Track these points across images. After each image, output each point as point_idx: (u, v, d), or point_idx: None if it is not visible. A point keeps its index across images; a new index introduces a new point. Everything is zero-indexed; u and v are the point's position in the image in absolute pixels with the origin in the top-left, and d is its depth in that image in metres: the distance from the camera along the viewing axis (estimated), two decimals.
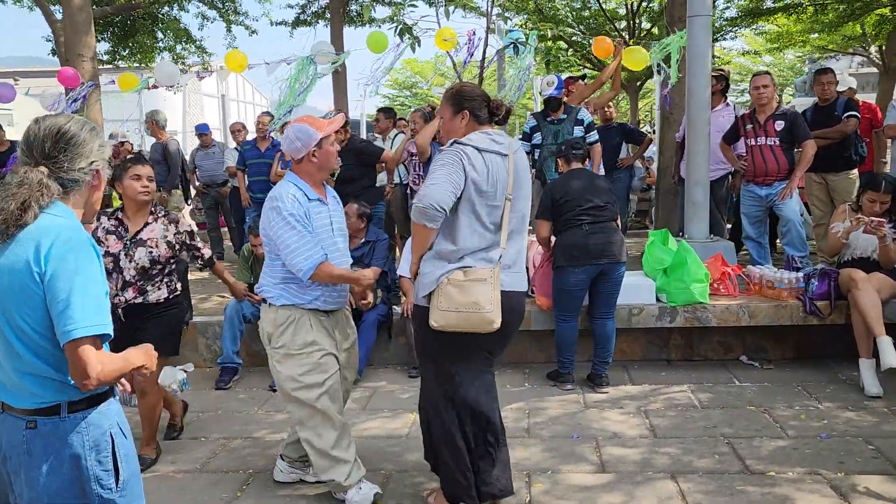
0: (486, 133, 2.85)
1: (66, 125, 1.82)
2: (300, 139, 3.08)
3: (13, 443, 1.80)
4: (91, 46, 8.01)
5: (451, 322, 2.74)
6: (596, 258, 4.35)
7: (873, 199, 4.58)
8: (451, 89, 2.99)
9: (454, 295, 2.72)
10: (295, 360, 3.08)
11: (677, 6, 6.81)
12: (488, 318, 2.74)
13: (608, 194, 4.52)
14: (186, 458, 3.78)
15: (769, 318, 4.84)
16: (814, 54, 18.88)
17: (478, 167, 2.75)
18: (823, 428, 3.86)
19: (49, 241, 1.72)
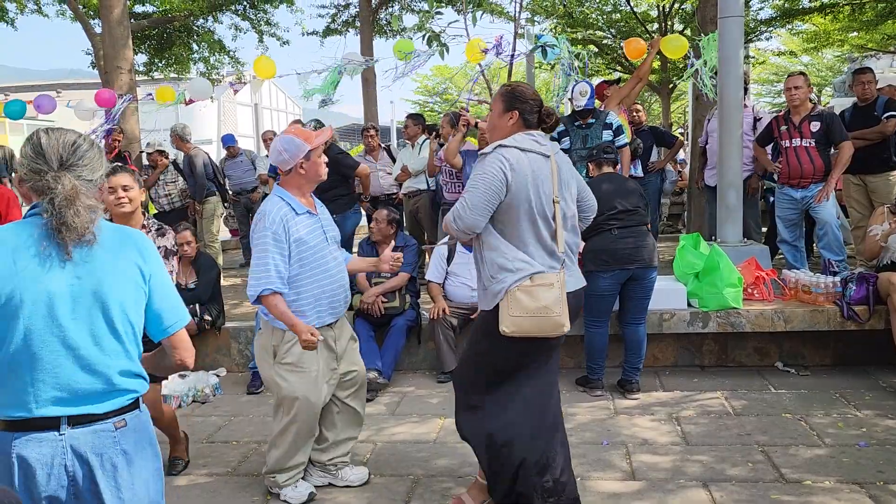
0: (528, 134, 2.82)
1: (78, 139, 1.87)
2: (287, 151, 3.09)
3: (100, 450, 1.78)
4: (129, 59, 8.21)
5: (523, 328, 2.71)
6: (625, 263, 4.30)
7: None
8: (506, 86, 2.93)
9: (524, 301, 2.70)
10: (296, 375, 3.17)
11: (709, 7, 6.72)
12: (559, 322, 2.73)
13: (639, 198, 4.46)
14: (218, 462, 3.83)
15: (805, 323, 4.73)
16: (853, 53, 18.46)
17: (522, 169, 2.72)
18: (862, 436, 3.76)
19: (144, 244, 1.90)
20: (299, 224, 3.11)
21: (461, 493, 3.19)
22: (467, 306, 5.10)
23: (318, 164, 3.17)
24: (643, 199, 4.51)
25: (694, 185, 7.21)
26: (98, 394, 1.80)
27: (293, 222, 3.09)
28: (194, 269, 5.47)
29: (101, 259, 1.80)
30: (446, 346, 4.97)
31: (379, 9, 11.91)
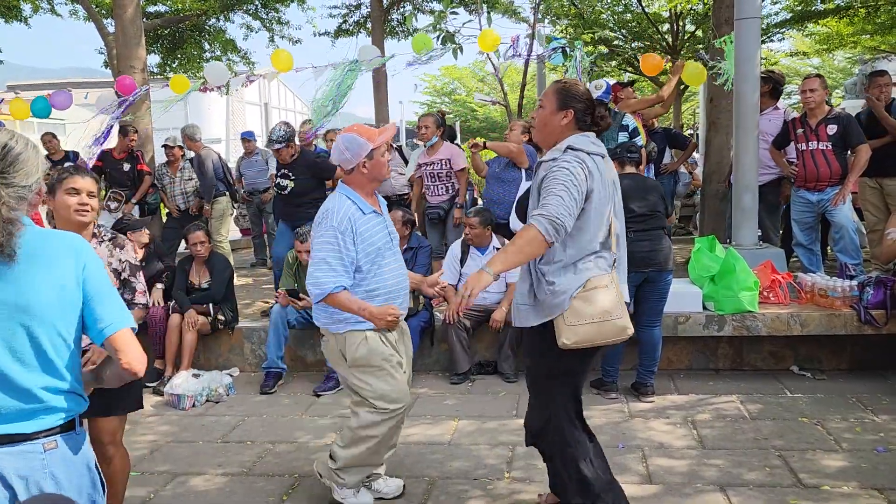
0: (585, 136, 2.71)
1: (10, 142, 1.74)
2: (350, 150, 3.00)
3: (25, 473, 1.67)
4: (142, 58, 8.23)
5: (586, 336, 2.56)
6: (640, 266, 4.27)
7: None
8: (561, 83, 2.78)
9: (581, 307, 2.55)
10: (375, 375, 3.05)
11: (724, 8, 6.69)
12: (621, 325, 2.60)
13: (659, 200, 4.40)
14: (232, 462, 3.84)
15: (822, 327, 4.70)
16: (864, 55, 18.35)
17: (596, 173, 2.61)
18: (880, 441, 3.73)
19: (79, 247, 1.77)
20: (367, 224, 3.01)
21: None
22: (481, 308, 5.09)
23: (382, 163, 3.06)
24: (664, 202, 4.46)
25: (716, 183, 7.15)
26: (22, 412, 1.68)
27: (360, 221, 2.99)
28: (207, 269, 5.48)
29: (24, 271, 1.68)
30: (459, 348, 4.97)
31: (390, 9, 11.92)
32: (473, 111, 28.32)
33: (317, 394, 4.87)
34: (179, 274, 5.47)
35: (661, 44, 15.07)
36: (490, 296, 5.14)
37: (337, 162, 3.09)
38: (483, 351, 5.21)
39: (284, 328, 5.11)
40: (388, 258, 3.09)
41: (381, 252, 3.05)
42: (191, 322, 5.16)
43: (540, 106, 2.79)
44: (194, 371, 5.00)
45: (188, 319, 5.17)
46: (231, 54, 13.11)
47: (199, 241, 5.39)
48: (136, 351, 1.79)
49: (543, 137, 2.77)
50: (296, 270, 5.25)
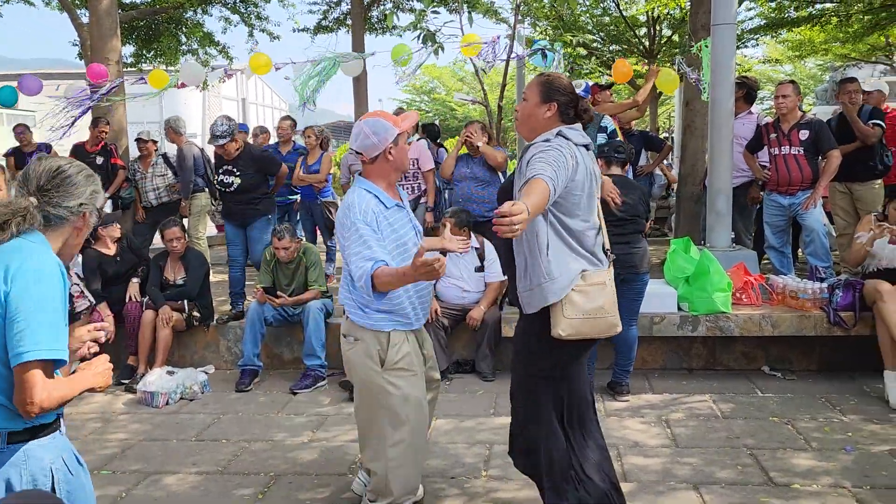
0: (573, 127, 2.70)
1: (65, 165, 1.90)
2: (377, 134, 2.76)
3: None
4: (117, 50, 8.11)
5: (581, 330, 2.58)
6: (617, 268, 4.30)
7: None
8: (544, 76, 2.77)
9: (579, 301, 2.57)
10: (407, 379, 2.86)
11: (701, 14, 6.78)
12: (613, 322, 2.65)
13: (641, 206, 4.42)
14: (207, 460, 3.80)
15: (793, 328, 4.79)
16: (835, 63, 18.71)
17: (580, 164, 2.61)
18: (848, 441, 3.81)
19: (18, 262, 1.73)
20: (391, 218, 2.80)
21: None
22: (459, 307, 5.11)
23: (406, 150, 2.87)
24: (645, 206, 4.49)
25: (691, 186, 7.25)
26: None
27: (384, 216, 2.77)
28: (183, 265, 5.43)
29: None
30: (437, 347, 4.96)
31: (371, 6, 11.88)
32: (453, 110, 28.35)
33: (293, 392, 4.85)
34: (154, 270, 5.41)
35: (639, 48, 15.23)
36: (468, 295, 5.16)
37: (360, 148, 2.82)
38: (461, 350, 5.23)
39: (261, 325, 5.07)
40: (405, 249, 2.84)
41: (409, 249, 2.81)
42: (165, 318, 5.10)
43: (523, 99, 2.77)
44: (168, 368, 4.94)
45: (162, 316, 5.12)
46: (209, 48, 12.95)
47: (174, 238, 5.34)
48: (31, 390, 1.67)
49: (527, 130, 2.75)
50: (273, 267, 5.22)
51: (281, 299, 5.02)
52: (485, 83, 7.57)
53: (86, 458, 3.78)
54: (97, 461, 3.81)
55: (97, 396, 4.91)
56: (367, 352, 2.81)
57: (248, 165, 5.66)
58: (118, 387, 5.07)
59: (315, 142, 7.10)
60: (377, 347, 2.80)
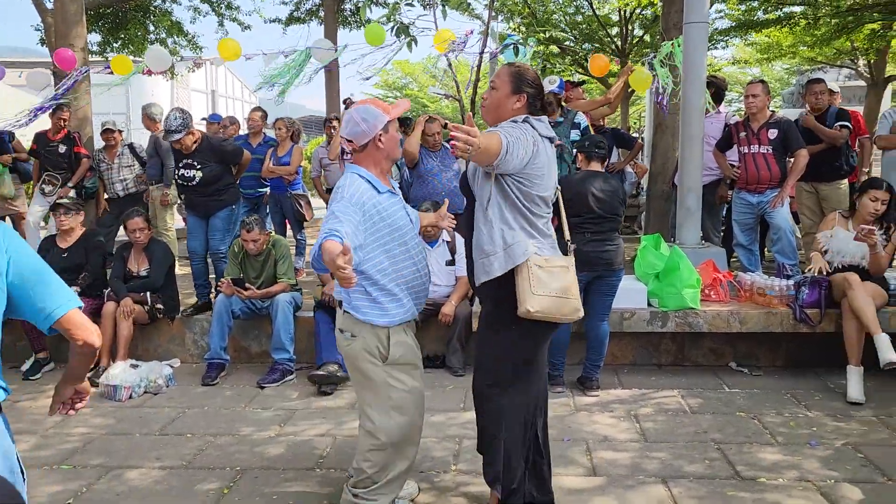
0: (538, 119, 2.73)
1: None
2: (367, 121, 2.75)
3: None
4: (82, 36, 7.91)
5: (547, 308, 2.59)
6: (592, 265, 4.32)
7: (875, 197, 4.62)
8: (514, 66, 2.77)
9: (546, 280, 2.59)
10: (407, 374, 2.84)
11: (673, 13, 6.83)
12: (576, 306, 2.67)
13: (618, 202, 4.42)
14: (172, 455, 3.72)
15: (760, 325, 4.84)
16: (802, 66, 19.05)
17: (541, 151, 2.64)
18: (812, 435, 3.87)
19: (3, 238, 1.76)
20: (384, 204, 2.74)
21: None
22: (430, 302, 5.07)
23: (397, 138, 2.85)
24: (623, 204, 4.49)
25: (661, 184, 7.31)
26: None
27: (375, 202, 2.71)
28: (147, 257, 5.32)
29: None
30: None
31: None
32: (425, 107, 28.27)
33: (261, 386, 4.77)
34: (118, 261, 5.29)
35: (611, 46, 15.34)
36: (439, 289, 5.12)
37: (350, 135, 2.78)
38: (431, 344, 5.19)
39: (229, 318, 4.99)
40: (411, 242, 2.82)
41: (404, 235, 2.78)
42: (125, 311, 4.98)
43: (492, 87, 2.77)
44: (132, 361, 4.83)
45: (122, 308, 4.99)
46: (177, 37, 12.73)
47: (137, 228, 5.22)
48: (86, 326, 1.84)
49: (494, 119, 2.75)
50: (242, 260, 5.13)
51: (249, 291, 4.94)
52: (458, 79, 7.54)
53: (46, 453, 3.71)
54: (57, 456, 3.71)
55: None
56: (366, 347, 2.76)
57: (208, 158, 5.43)
58: None
59: (286, 134, 7.00)
60: (377, 343, 2.75)
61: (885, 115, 5.77)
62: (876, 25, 12.19)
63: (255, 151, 7.42)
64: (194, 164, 5.42)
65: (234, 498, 3.24)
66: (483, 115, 2.83)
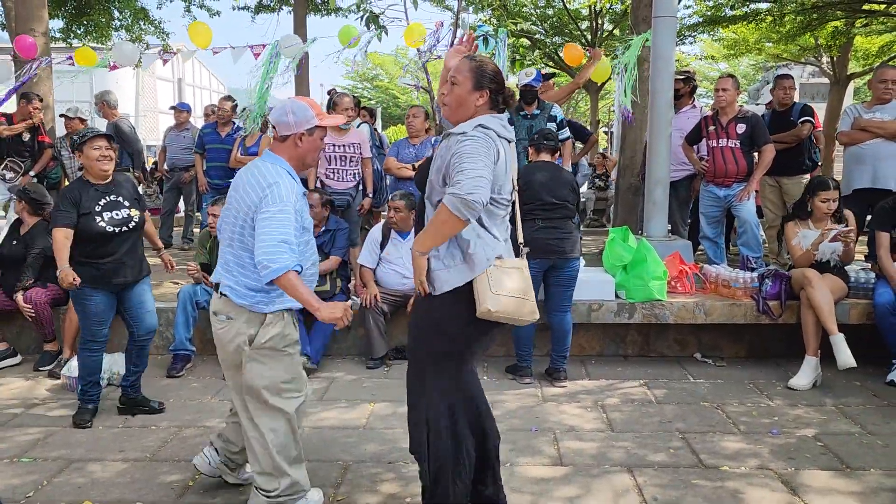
0: (496, 118, 2.67)
1: None
2: (295, 114, 2.77)
3: None
4: (44, 20, 7.71)
5: (506, 308, 2.55)
6: (544, 253, 4.35)
7: (826, 198, 4.73)
8: (475, 61, 2.68)
9: (505, 280, 2.56)
10: (282, 362, 2.85)
11: (642, 7, 6.88)
12: (532, 307, 2.63)
13: (570, 191, 4.50)
14: (135, 447, 3.66)
15: (724, 316, 4.92)
16: (768, 62, 19.36)
17: (501, 152, 2.59)
18: (774, 424, 3.95)
19: None
20: (302, 202, 2.80)
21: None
22: (399, 293, 5.06)
23: (316, 146, 2.85)
24: (575, 193, 4.56)
25: (630, 177, 7.38)
26: None
27: (298, 197, 2.76)
28: None
29: None
30: (377, 333, 4.92)
31: None
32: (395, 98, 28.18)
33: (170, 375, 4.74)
34: None
35: (581, 40, 15.41)
36: (408, 280, 5.10)
37: (275, 121, 2.81)
38: (400, 336, 5.18)
39: (193, 308, 4.92)
40: (309, 238, 2.90)
41: (308, 230, 2.87)
42: None
43: (453, 83, 2.69)
44: None
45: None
46: (143, 23, 12.46)
47: None
48: None
49: (457, 117, 2.68)
50: (209, 247, 5.06)
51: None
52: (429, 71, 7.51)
53: (4, 446, 3.63)
54: (16, 448, 3.63)
55: (17, 382, 4.68)
56: (239, 331, 2.80)
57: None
58: (39, 372, 4.85)
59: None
60: (251, 331, 2.78)
61: (847, 110, 5.89)
62: (839, 23, 12.44)
63: (223, 141, 7.34)
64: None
65: (198, 490, 3.21)
66: (444, 114, 2.76)
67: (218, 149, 7.28)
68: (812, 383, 4.50)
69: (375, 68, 29.94)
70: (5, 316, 5.11)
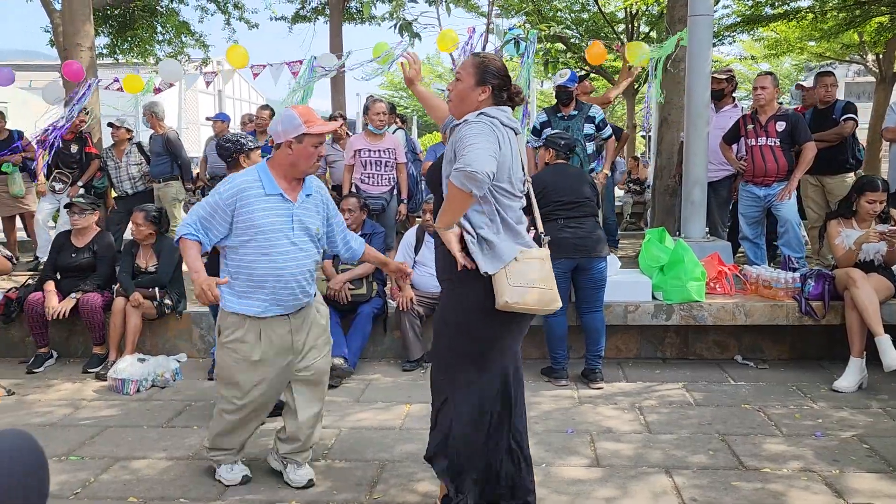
0: (501, 109, 2.70)
1: None
2: (283, 124, 2.98)
3: None
4: (90, 36, 7.97)
5: (526, 300, 2.54)
6: (569, 253, 4.34)
7: (873, 199, 4.62)
8: (479, 57, 2.75)
9: (525, 271, 2.56)
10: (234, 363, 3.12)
11: (678, 7, 6.83)
12: (553, 296, 2.63)
13: (587, 189, 4.51)
14: (179, 446, 3.75)
15: (765, 317, 4.84)
16: (810, 62, 18.95)
17: (503, 140, 2.60)
18: (818, 427, 3.86)
19: None
20: (259, 205, 2.96)
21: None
22: (434, 295, 5.09)
23: (309, 153, 2.98)
24: (594, 189, 4.56)
25: (667, 178, 7.32)
26: None
27: (251, 200, 2.96)
28: (155, 253, 5.34)
29: None
30: (412, 335, 4.96)
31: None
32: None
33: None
34: (126, 257, 5.32)
35: (616, 43, 15.31)
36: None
37: (270, 132, 3.05)
38: None
39: None
40: (277, 246, 2.99)
41: (270, 238, 2.97)
42: (135, 303, 5.02)
43: (457, 79, 2.75)
44: (140, 356, 4.87)
45: (132, 302, 5.03)
46: (185, 37, 12.80)
47: (136, 222, 5.23)
48: None
49: (460, 111, 2.73)
50: None
51: None
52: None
53: (54, 444, 3.75)
54: (65, 447, 3.74)
55: (66, 384, 4.84)
56: (218, 322, 3.18)
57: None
58: (87, 374, 5.00)
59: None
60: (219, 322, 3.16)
61: (893, 107, 5.76)
62: (884, 19, 12.11)
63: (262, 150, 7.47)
64: None
65: (240, 487, 3.27)
66: (449, 109, 2.82)
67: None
68: (857, 385, 4.39)
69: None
70: (56, 320, 5.27)
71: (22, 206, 7.74)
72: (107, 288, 5.34)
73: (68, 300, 5.06)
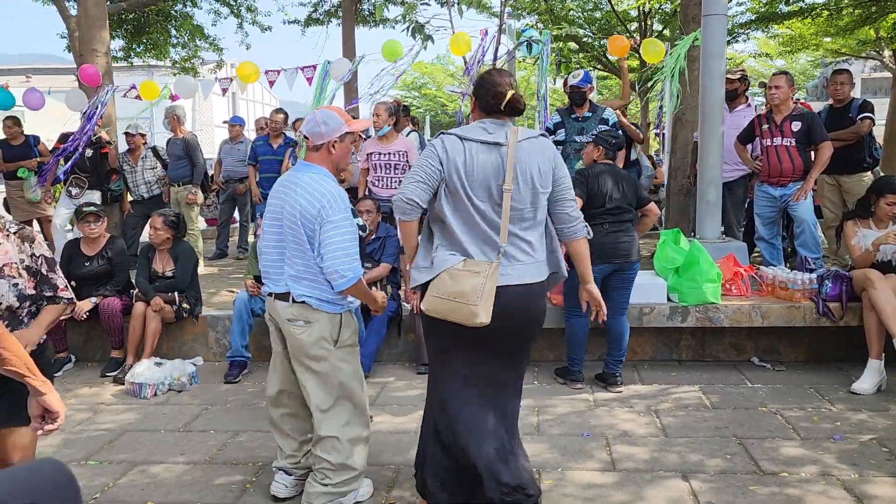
0: (482, 122, 2.74)
1: None
2: (327, 124, 2.94)
3: None
4: (105, 41, 8.03)
5: (437, 308, 2.69)
6: (610, 257, 4.34)
7: (892, 201, 4.59)
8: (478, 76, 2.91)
9: (446, 283, 2.67)
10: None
11: (692, 6, 6.78)
12: (473, 311, 2.60)
13: (633, 196, 4.47)
14: (196, 450, 3.78)
15: (782, 319, 4.80)
16: (826, 58, 18.77)
17: (458, 156, 2.66)
18: (836, 430, 3.82)
19: None
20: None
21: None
22: None
23: (348, 151, 3.03)
24: (637, 197, 4.50)
25: (682, 179, 7.28)
26: None
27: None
28: (172, 257, 5.38)
29: None
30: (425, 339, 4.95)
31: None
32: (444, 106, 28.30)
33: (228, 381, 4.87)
34: (143, 261, 5.36)
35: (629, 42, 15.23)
36: None
37: (308, 133, 2.98)
38: None
39: (249, 317, 5.04)
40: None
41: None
42: (156, 307, 5.06)
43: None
44: (157, 360, 4.91)
45: (153, 306, 5.07)
46: (199, 40, 12.88)
47: (154, 226, 5.27)
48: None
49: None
50: None
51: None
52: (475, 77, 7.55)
53: (72, 449, 3.79)
54: (84, 451, 3.78)
55: (84, 388, 4.88)
56: (322, 333, 2.97)
57: None
58: (105, 378, 5.05)
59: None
60: (331, 330, 2.99)
61: None
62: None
63: (275, 152, 7.51)
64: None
65: (256, 492, 3.29)
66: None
67: (270, 160, 7.46)
68: (876, 387, 4.35)
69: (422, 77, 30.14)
70: (74, 325, 5.33)
71: (38, 211, 7.82)
72: (125, 293, 5.38)
73: (87, 301, 5.11)
